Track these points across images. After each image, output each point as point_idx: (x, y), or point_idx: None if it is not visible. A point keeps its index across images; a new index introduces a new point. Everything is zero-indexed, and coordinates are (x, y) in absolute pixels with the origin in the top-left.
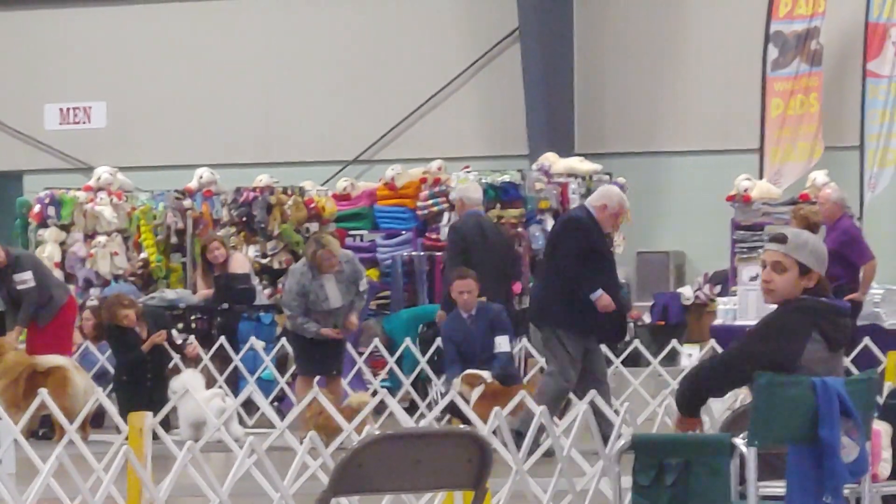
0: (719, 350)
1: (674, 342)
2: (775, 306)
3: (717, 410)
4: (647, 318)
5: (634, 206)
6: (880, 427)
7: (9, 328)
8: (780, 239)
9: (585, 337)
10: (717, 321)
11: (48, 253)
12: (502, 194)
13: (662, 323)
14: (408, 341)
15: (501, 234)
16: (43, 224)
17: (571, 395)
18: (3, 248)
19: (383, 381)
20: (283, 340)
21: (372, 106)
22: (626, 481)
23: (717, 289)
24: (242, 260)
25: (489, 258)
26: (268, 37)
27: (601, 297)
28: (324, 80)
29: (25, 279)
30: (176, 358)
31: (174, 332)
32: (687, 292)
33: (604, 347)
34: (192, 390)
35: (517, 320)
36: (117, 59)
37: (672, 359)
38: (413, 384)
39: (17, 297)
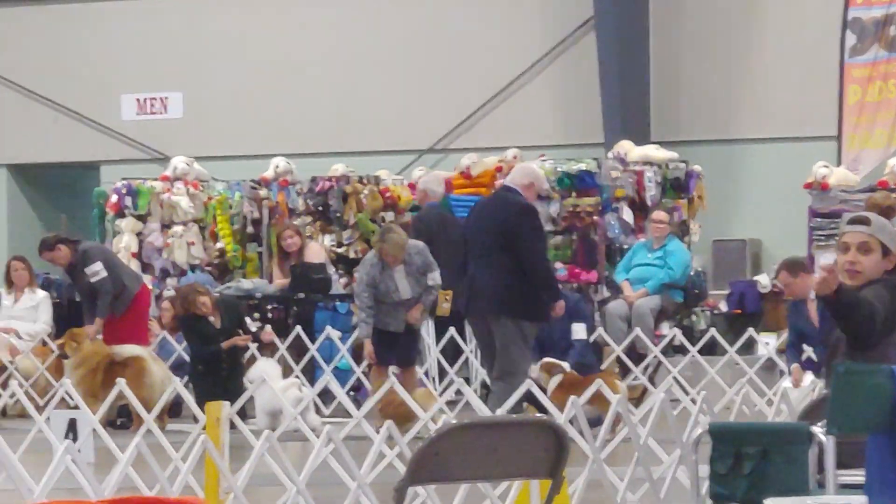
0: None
1: (750, 330)
2: None
3: (794, 399)
4: (723, 307)
5: (710, 194)
6: None
7: (86, 321)
8: (864, 220)
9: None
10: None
11: (125, 243)
12: (578, 182)
13: (739, 311)
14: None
15: (460, 226)
16: (120, 214)
17: (648, 384)
18: (70, 243)
19: (459, 369)
20: None
21: (447, 94)
22: (704, 470)
23: None
24: (318, 249)
25: (451, 250)
26: (344, 25)
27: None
28: (399, 69)
29: (97, 270)
30: (252, 347)
31: (248, 319)
32: (763, 280)
33: (679, 335)
34: (268, 380)
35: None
36: (194, 49)
37: (748, 347)
38: None
39: (93, 291)
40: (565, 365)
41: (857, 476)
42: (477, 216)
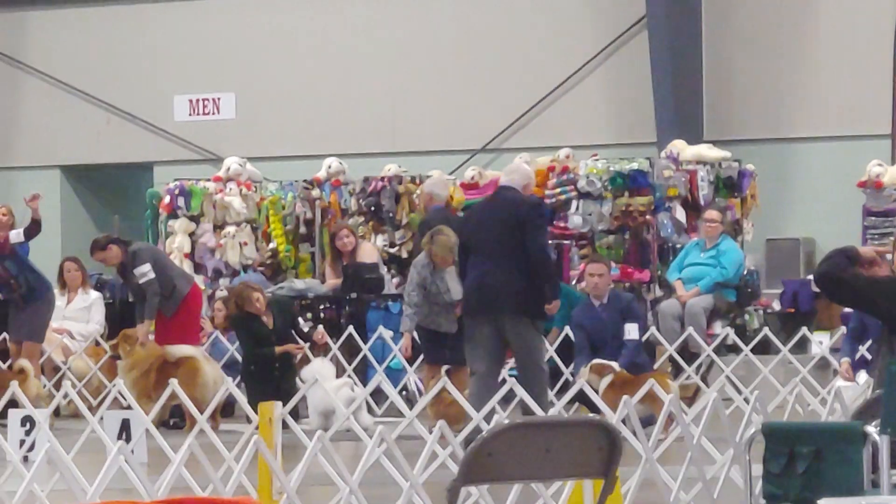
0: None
1: (804, 329)
2: None
3: (848, 398)
4: (776, 306)
5: (764, 193)
6: None
7: (137, 322)
8: None
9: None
10: (848, 308)
11: (178, 244)
12: (630, 182)
13: (792, 310)
14: None
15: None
16: (173, 215)
17: (701, 384)
18: (121, 244)
19: (511, 369)
20: None
21: (500, 94)
22: (757, 469)
23: None
24: (371, 249)
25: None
26: (396, 26)
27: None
28: (452, 69)
29: (145, 272)
30: (305, 347)
31: (300, 320)
32: None
33: (732, 334)
34: (321, 379)
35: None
36: (246, 50)
37: (802, 346)
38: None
39: (143, 291)
40: (615, 365)
41: None
42: (481, 217)
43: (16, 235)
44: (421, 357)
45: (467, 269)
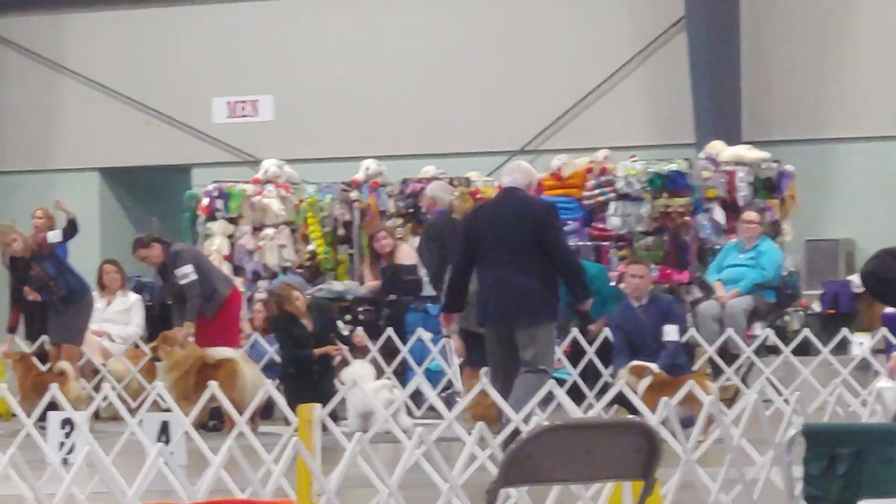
0: (891, 339)
1: (844, 331)
2: None
3: (889, 399)
4: (816, 307)
5: (803, 194)
6: None
7: (176, 323)
8: None
9: None
10: (889, 309)
11: (216, 246)
12: (669, 183)
13: (833, 311)
14: (575, 331)
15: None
16: (211, 217)
17: (741, 385)
18: (163, 244)
19: (554, 371)
20: None
21: (537, 95)
22: (797, 471)
23: None
24: (409, 251)
25: None
26: (433, 27)
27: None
28: (489, 71)
29: (186, 273)
30: (344, 350)
31: (340, 323)
32: (857, 280)
33: (772, 336)
34: (360, 381)
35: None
36: (284, 52)
37: (842, 348)
38: (581, 374)
39: (183, 293)
40: (653, 366)
41: None
42: (490, 220)
43: (54, 236)
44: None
45: (477, 273)
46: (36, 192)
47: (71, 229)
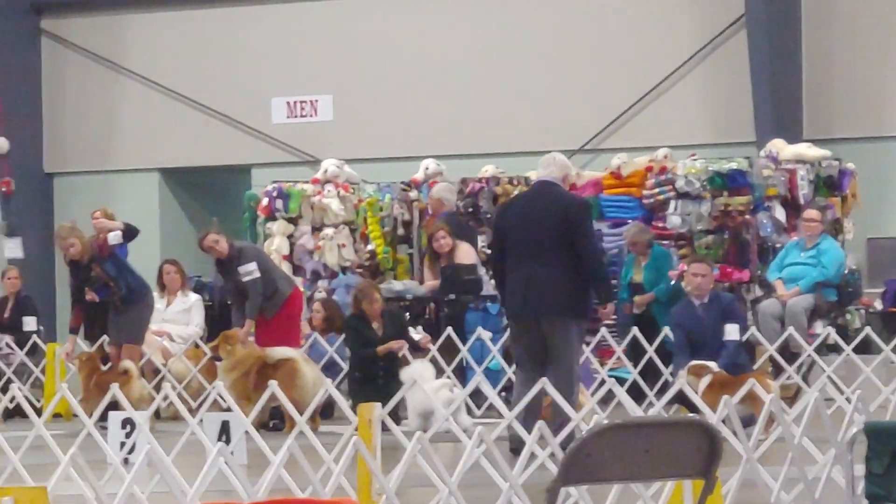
0: None
1: None
2: None
3: None
4: (878, 305)
5: (864, 192)
6: None
7: (234, 322)
8: None
9: None
10: None
11: (276, 246)
12: (729, 182)
13: (894, 309)
14: (635, 330)
15: (475, 233)
16: (271, 217)
17: (802, 384)
18: (228, 241)
19: (611, 370)
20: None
21: (597, 94)
22: (859, 469)
23: None
24: (468, 250)
25: None
26: (493, 25)
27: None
28: (549, 69)
29: (250, 270)
30: (405, 345)
31: (411, 329)
32: None
33: (833, 334)
34: (420, 381)
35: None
36: (343, 52)
37: None
38: (641, 372)
39: (243, 291)
40: (712, 365)
41: None
42: (524, 213)
43: (114, 238)
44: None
45: (507, 268)
46: (96, 192)
47: (128, 232)
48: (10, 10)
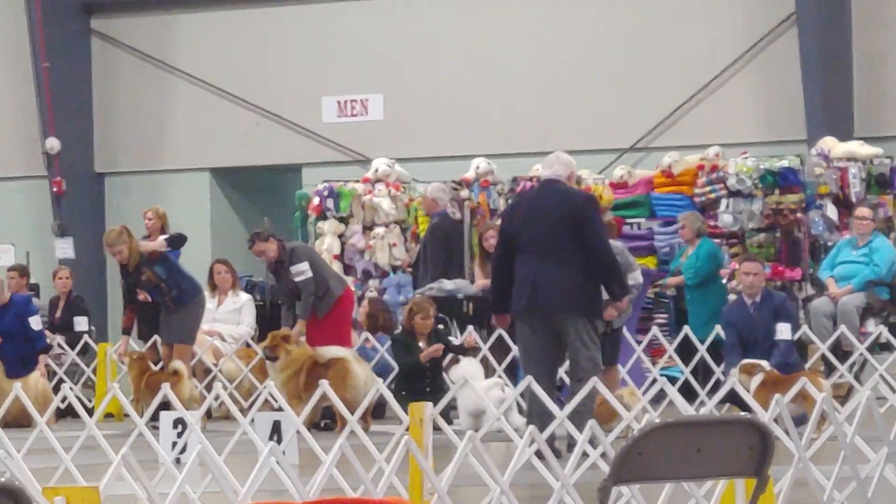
0: None
1: None
2: None
3: None
4: None
5: None
6: None
7: (284, 322)
8: None
9: None
10: None
11: (327, 245)
12: (781, 180)
13: None
14: (687, 329)
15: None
16: (322, 216)
17: (854, 382)
18: (278, 241)
19: (662, 369)
20: None
21: (647, 93)
22: None
23: None
24: None
25: (461, 253)
26: (543, 25)
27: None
28: (600, 68)
29: (302, 270)
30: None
31: (451, 339)
32: None
33: (886, 332)
34: (471, 380)
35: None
36: (393, 51)
37: None
38: (693, 371)
39: (295, 291)
40: (764, 364)
41: None
42: (530, 212)
43: (160, 245)
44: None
45: (515, 267)
46: (147, 192)
47: (174, 242)
48: (60, 11)
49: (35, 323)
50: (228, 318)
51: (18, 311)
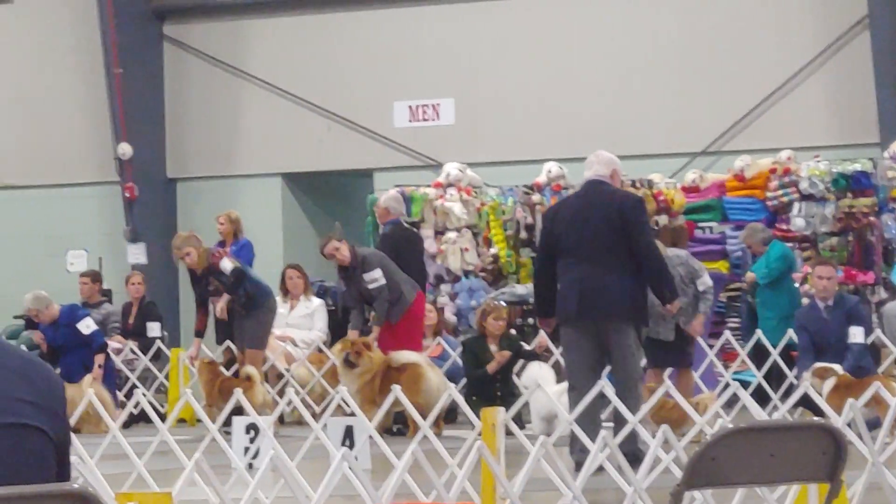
0: None
1: None
2: None
3: None
4: None
5: None
6: None
7: (352, 326)
8: None
9: None
10: None
11: None
12: (853, 183)
13: None
14: (759, 333)
15: (422, 240)
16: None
17: None
18: (350, 248)
19: (735, 373)
20: None
21: (719, 96)
22: None
23: None
24: None
25: (415, 263)
26: (614, 29)
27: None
28: (671, 71)
29: (376, 277)
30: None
31: (522, 344)
32: None
33: None
34: (542, 384)
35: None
36: (465, 55)
37: None
38: (765, 376)
39: (366, 297)
40: (837, 368)
41: None
42: (575, 215)
43: (224, 266)
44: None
45: (558, 271)
46: (219, 197)
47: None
48: (132, 17)
49: (85, 327)
50: (300, 323)
51: (67, 321)
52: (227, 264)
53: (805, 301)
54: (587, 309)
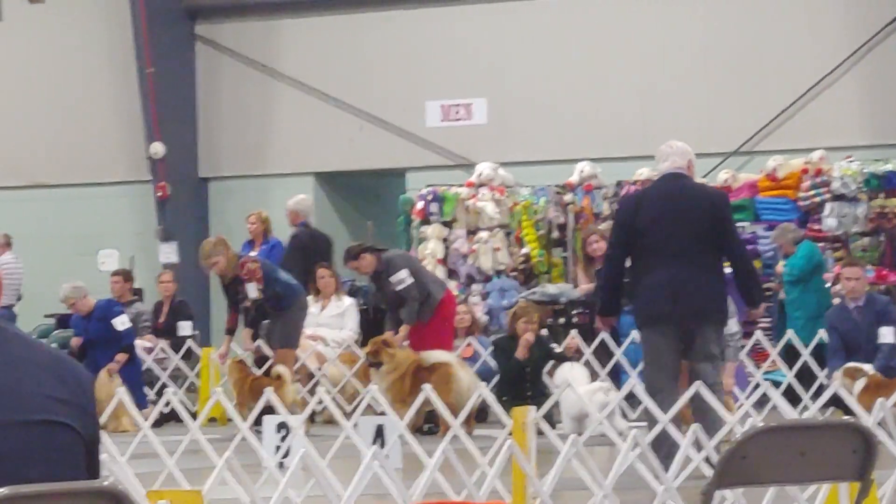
0: None
1: None
2: None
3: None
4: None
5: None
6: None
7: (388, 327)
8: None
9: None
10: None
11: (431, 249)
12: (885, 183)
13: None
14: (790, 333)
15: (328, 241)
16: (425, 221)
17: None
18: (373, 253)
19: (766, 373)
20: None
21: (752, 97)
22: None
23: None
24: None
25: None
26: (646, 28)
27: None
28: (704, 71)
29: (402, 278)
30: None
31: (553, 346)
32: None
33: None
34: (574, 384)
35: None
36: (497, 55)
37: None
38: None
39: (397, 299)
40: (867, 367)
41: None
42: (663, 209)
43: (251, 290)
44: None
45: (642, 268)
46: (251, 197)
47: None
48: (165, 17)
49: (120, 323)
50: (332, 323)
51: (101, 315)
52: (252, 292)
53: (836, 301)
54: (681, 311)
